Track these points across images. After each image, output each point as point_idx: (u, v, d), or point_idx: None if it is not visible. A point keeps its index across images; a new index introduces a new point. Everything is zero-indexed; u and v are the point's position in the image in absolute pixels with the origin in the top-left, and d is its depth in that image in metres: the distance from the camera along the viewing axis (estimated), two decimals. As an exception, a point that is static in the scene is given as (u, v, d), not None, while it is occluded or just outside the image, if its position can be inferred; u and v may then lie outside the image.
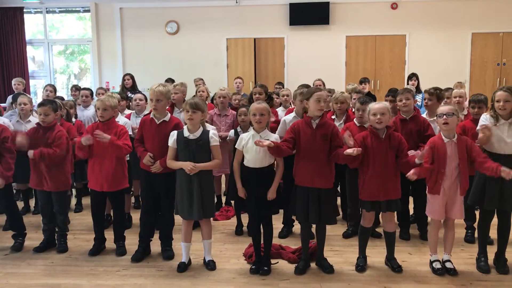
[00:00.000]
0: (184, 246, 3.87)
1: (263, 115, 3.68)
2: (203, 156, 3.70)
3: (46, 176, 4.12)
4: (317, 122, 3.64)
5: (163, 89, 3.89)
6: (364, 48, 10.41)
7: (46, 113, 4.14)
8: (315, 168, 3.61)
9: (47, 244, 4.31)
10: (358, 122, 4.37)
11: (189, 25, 10.62)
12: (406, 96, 4.32)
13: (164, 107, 3.94)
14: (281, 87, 7.81)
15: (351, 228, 4.58)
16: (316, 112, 3.64)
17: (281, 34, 10.46)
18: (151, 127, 3.95)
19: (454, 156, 3.55)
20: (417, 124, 4.26)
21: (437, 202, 3.63)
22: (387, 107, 3.66)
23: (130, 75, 8.35)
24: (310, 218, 3.67)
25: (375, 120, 3.60)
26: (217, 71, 10.38)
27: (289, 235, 4.58)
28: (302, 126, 3.67)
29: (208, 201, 3.76)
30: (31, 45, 11.25)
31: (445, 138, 3.59)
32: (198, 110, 3.67)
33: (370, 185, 3.63)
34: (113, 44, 10.77)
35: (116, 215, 4.24)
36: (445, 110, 3.57)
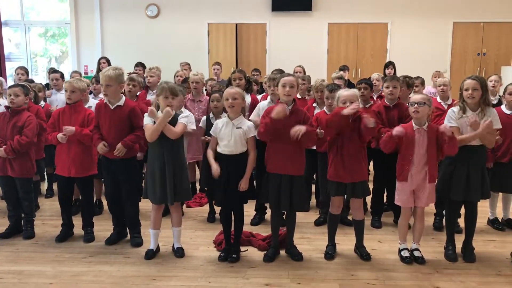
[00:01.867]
0: (152, 233, 3.82)
1: (235, 99, 3.62)
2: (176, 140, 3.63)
3: (11, 161, 4.02)
4: (289, 108, 3.60)
5: (113, 73, 3.76)
6: (346, 36, 10.36)
7: (16, 94, 4.05)
8: (287, 155, 3.58)
9: (13, 230, 4.22)
10: (328, 110, 4.33)
11: (170, 8, 10.44)
12: (394, 84, 4.33)
13: (115, 92, 3.81)
14: (258, 74, 7.74)
15: (323, 215, 4.57)
16: (283, 97, 3.61)
17: (263, 20, 10.35)
18: (106, 112, 3.86)
19: (422, 143, 3.56)
20: (400, 111, 4.28)
21: (404, 190, 3.63)
22: (356, 95, 3.67)
23: (106, 58, 8.19)
24: (282, 205, 3.64)
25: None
26: (198, 57, 10.23)
27: (261, 222, 4.57)
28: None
29: (181, 185, 3.69)
30: (7, 27, 10.97)
31: (415, 125, 3.59)
32: (178, 96, 3.64)
33: (336, 166, 3.64)
34: (92, 27, 10.55)
35: (84, 201, 4.17)
36: (417, 99, 3.58)
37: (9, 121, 4.04)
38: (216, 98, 4.51)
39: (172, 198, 3.66)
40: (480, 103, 3.60)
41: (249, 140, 3.66)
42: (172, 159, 3.63)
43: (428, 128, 3.58)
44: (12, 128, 4.01)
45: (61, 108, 4.07)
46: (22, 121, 4.02)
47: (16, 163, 4.04)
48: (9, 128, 4.02)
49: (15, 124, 4.01)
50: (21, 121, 4.02)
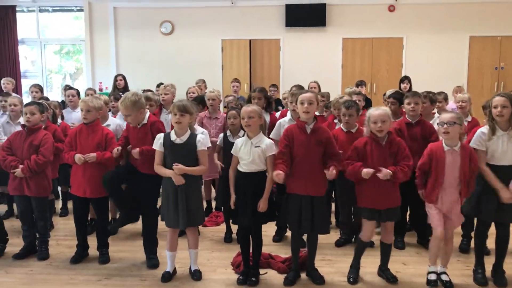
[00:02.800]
0: (169, 255, 3.70)
1: (251, 117, 3.50)
2: (189, 161, 3.53)
3: (28, 180, 3.95)
4: (311, 127, 3.48)
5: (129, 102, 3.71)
6: (361, 51, 10.27)
7: (32, 112, 4.00)
8: (308, 175, 3.44)
9: (28, 251, 4.15)
10: (345, 128, 4.22)
11: (184, 25, 10.46)
12: (415, 100, 4.15)
13: (135, 118, 3.79)
14: (275, 89, 7.67)
15: (344, 236, 4.44)
16: (302, 115, 3.49)
17: (277, 35, 10.31)
18: (133, 132, 3.85)
19: (454, 165, 3.37)
20: (423, 128, 4.12)
21: (434, 211, 3.47)
22: (388, 114, 3.49)
23: (122, 75, 8.19)
24: (303, 227, 3.51)
25: (375, 128, 3.43)
26: (212, 73, 10.21)
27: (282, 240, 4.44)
28: (296, 131, 3.49)
29: (194, 209, 3.58)
30: (24, 44, 11.08)
31: (445, 146, 3.40)
32: (187, 113, 3.51)
33: (369, 193, 3.46)
34: (106, 44, 10.60)
35: (99, 222, 4.08)
36: (446, 118, 3.37)
37: (25, 140, 3.99)
38: (233, 115, 4.43)
39: (184, 224, 3.55)
40: (510, 121, 3.42)
41: (268, 158, 3.53)
42: (186, 182, 3.51)
43: (461, 149, 3.39)
44: (28, 147, 3.96)
45: (78, 127, 4.01)
46: (39, 140, 3.97)
47: (33, 182, 3.97)
48: (25, 147, 3.96)
49: (32, 143, 3.96)
50: (37, 139, 3.97)
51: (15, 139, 4.04)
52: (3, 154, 3.98)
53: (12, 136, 4.11)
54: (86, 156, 3.78)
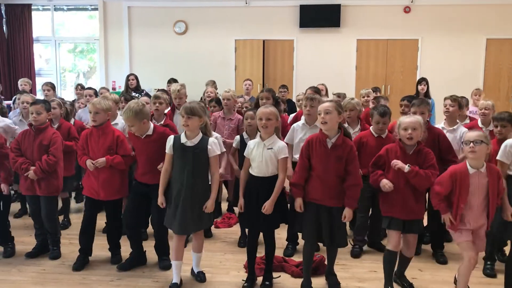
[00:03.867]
0: (174, 265, 3.57)
1: (269, 119, 3.42)
2: (199, 165, 3.44)
3: (39, 180, 3.91)
4: (332, 142, 3.34)
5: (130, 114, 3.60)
6: (375, 52, 10.17)
7: (38, 112, 3.93)
8: (326, 189, 3.33)
9: (40, 250, 4.14)
10: (376, 133, 4.13)
11: (198, 25, 10.45)
12: (421, 110, 4.00)
13: (138, 129, 3.67)
14: (285, 90, 7.61)
15: (358, 244, 4.30)
16: (321, 126, 3.39)
17: (291, 36, 10.26)
18: (138, 142, 3.76)
19: (481, 188, 3.14)
20: (431, 134, 3.94)
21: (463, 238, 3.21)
22: (420, 122, 3.35)
23: (134, 75, 8.19)
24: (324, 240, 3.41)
25: (405, 135, 3.31)
26: (225, 73, 10.20)
27: (294, 253, 4.26)
28: (316, 145, 3.37)
29: (201, 213, 3.47)
30: (39, 43, 11.15)
31: (470, 168, 3.14)
32: (194, 116, 3.40)
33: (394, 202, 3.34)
34: (120, 43, 10.64)
35: (111, 223, 4.04)
36: (473, 136, 3.11)
37: (34, 140, 3.94)
38: (250, 116, 4.35)
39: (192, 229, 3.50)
40: None
41: (280, 161, 3.44)
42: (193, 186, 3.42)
43: (487, 170, 3.15)
44: (38, 147, 3.92)
45: (89, 130, 3.96)
46: (48, 140, 3.93)
47: (44, 182, 3.93)
48: (35, 147, 3.92)
49: (41, 143, 3.91)
50: (46, 139, 3.93)
51: (23, 139, 3.99)
52: (12, 156, 3.95)
53: (20, 136, 4.06)
54: (95, 162, 3.74)
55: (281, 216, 3.52)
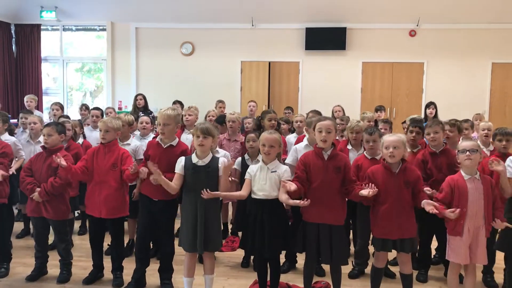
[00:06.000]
0: (186, 281, 3.60)
1: (272, 146, 3.45)
2: (211, 184, 3.45)
3: (45, 203, 3.90)
4: (328, 154, 3.42)
5: (172, 112, 3.72)
6: (381, 75, 10.21)
7: (49, 134, 3.95)
8: (326, 203, 3.37)
9: (40, 272, 4.11)
10: (369, 155, 4.11)
11: (204, 46, 10.55)
12: (435, 130, 4.04)
13: (172, 131, 3.74)
14: (290, 112, 7.62)
15: (358, 267, 4.28)
16: (320, 144, 3.43)
17: (297, 58, 10.33)
18: (157, 150, 3.76)
19: (477, 194, 3.32)
20: (448, 158, 3.98)
21: (459, 245, 3.35)
22: (402, 140, 3.44)
23: (142, 95, 8.24)
24: (322, 258, 3.42)
25: (387, 153, 3.39)
26: (231, 94, 10.23)
27: (290, 270, 4.30)
28: (313, 158, 3.44)
29: (213, 233, 3.50)
30: (47, 62, 11.28)
31: (465, 175, 3.37)
32: (209, 136, 3.47)
33: (382, 223, 3.39)
34: (127, 63, 10.74)
35: (114, 243, 4.01)
36: (469, 146, 3.37)
37: (45, 161, 3.96)
38: (252, 138, 4.38)
39: (202, 248, 3.47)
40: None
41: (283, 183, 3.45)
42: (206, 205, 3.44)
43: (481, 178, 3.35)
44: (47, 169, 3.92)
45: (96, 147, 3.98)
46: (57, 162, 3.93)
47: (50, 205, 3.91)
48: (44, 168, 3.94)
49: (50, 165, 3.92)
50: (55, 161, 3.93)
51: (36, 161, 4.02)
52: (23, 175, 3.96)
53: (34, 157, 4.09)
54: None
55: (284, 241, 3.50)
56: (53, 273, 4.11)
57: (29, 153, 4.89)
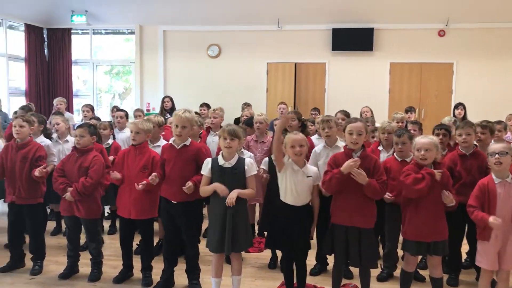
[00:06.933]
0: (214, 282, 3.62)
1: (302, 146, 3.45)
2: (238, 186, 3.48)
3: (77, 202, 4.00)
4: (358, 155, 3.39)
5: (190, 115, 3.75)
6: (409, 76, 10.07)
7: (81, 135, 4.05)
8: (355, 205, 3.35)
9: (72, 270, 4.21)
10: (399, 156, 4.05)
11: (231, 48, 10.61)
12: (467, 131, 3.95)
13: (188, 133, 3.78)
14: (317, 113, 7.58)
15: (386, 270, 4.22)
16: (350, 146, 3.42)
17: (323, 59, 10.28)
18: (172, 152, 3.79)
19: (507, 198, 3.23)
20: (478, 160, 3.90)
21: (487, 250, 3.28)
22: (434, 143, 3.39)
23: (169, 97, 8.34)
24: (351, 261, 3.40)
25: (419, 156, 3.35)
26: (257, 96, 10.26)
27: (321, 273, 4.28)
28: (343, 159, 3.41)
29: (241, 234, 3.51)
30: (77, 65, 11.53)
31: (496, 178, 3.28)
32: (236, 138, 3.49)
33: (416, 224, 3.33)
34: (155, 65, 10.89)
35: (143, 244, 4.09)
36: (498, 148, 3.27)
37: (76, 162, 4.05)
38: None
39: (229, 248, 3.48)
40: None
41: (315, 187, 3.53)
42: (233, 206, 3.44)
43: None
44: (78, 169, 4.01)
45: (127, 149, 4.06)
46: (88, 162, 4.02)
47: (82, 204, 4.00)
48: (75, 169, 4.02)
49: (81, 165, 4.01)
50: (87, 161, 4.02)
51: (67, 161, 4.11)
52: (55, 176, 4.06)
53: (65, 158, 4.20)
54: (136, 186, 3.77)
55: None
56: (84, 272, 4.21)
57: (58, 152, 5.02)
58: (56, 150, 5.02)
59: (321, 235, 3.88)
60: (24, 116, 4.34)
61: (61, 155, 4.86)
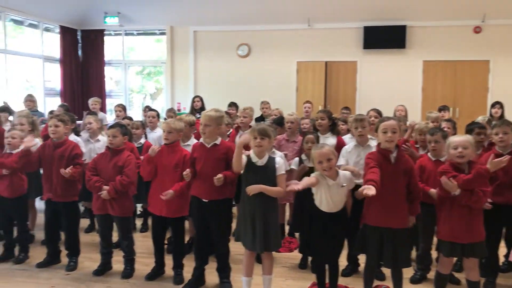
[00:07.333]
0: (245, 281, 3.62)
1: (330, 159, 3.39)
2: (269, 184, 3.47)
3: (111, 200, 4.06)
4: (394, 156, 3.32)
5: (214, 114, 3.77)
6: (443, 74, 9.83)
7: (113, 135, 4.12)
8: (392, 207, 3.28)
9: (105, 267, 4.29)
10: (433, 156, 3.95)
11: (261, 48, 10.61)
12: (504, 130, 3.81)
13: (212, 132, 3.79)
14: (348, 112, 7.47)
15: (420, 272, 4.11)
16: (385, 145, 3.33)
17: (354, 57, 10.15)
18: (202, 151, 3.83)
19: None
20: None
21: None
22: (470, 140, 3.32)
23: (199, 97, 8.39)
24: (385, 261, 3.34)
25: (455, 154, 3.26)
26: (286, 95, 10.23)
27: (352, 274, 4.22)
28: (379, 159, 3.32)
29: (272, 233, 3.50)
30: (110, 66, 11.76)
31: None
32: (267, 137, 3.48)
33: (450, 225, 3.25)
34: (186, 66, 10.99)
35: (175, 242, 4.13)
36: None
37: (110, 161, 4.12)
38: (311, 140, 4.37)
39: (262, 247, 3.47)
40: None
41: (349, 192, 3.52)
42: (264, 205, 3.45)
43: None
44: (113, 168, 4.08)
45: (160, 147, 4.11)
46: (122, 161, 4.09)
47: (116, 202, 4.07)
48: (110, 168, 4.09)
49: (116, 164, 4.08)
50: (121, 161, 4.09)
51: (100, 160, 4.19)
52: (88, 175, 4.14)
53: (97, 157, 4.28)
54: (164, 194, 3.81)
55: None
56: (117, 269, 4.28)
57: (89, 151, 5.13)
58: (87, 149, 5.12)
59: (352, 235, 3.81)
60: (59, 115, 4.44)
61: (92, 154, 4.96)
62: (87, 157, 4.91)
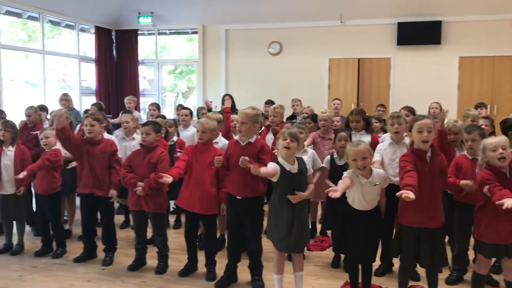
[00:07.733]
0: (276, 279, 3.62)
1: (365, 158, 3.32)
2: (302, 187, 3.48)
3: (146, 197, 4.14)
4: (429, 156, 3.24)
5: (250, 112, 3.78)
6: (480, 70, 9.56)
7: (147, 133, 4.18)
8: (429, 208, 3.21)
9: (140, 262, 4.36)
10: (470, 154, 3.83)
11: (292, 45, 10.56)
12: None
13: (249, 130, 3.79)
14: (384, 109, 7.36)
15: (456, 272, 4.01)
16: (420, 145, 3.24)
17: (387, 54, 9.99)
18: (236, 148, 3.84)
19: None
20: None
21: None
22: (506, 140, 3.21)
23: (229, 95, 8.38)
24: (422, 261, 3.28)
25: (496, 156, 3.14)
26: (318, 92, 10.17)
27: (386, 273, 4.15)
28: (415, 160, 3.22)
29: (303, 233, 3.51)
30: (143, 65, 11.95)
31: None
32: (296, 140, 3.46)
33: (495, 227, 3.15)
34: (217, 64, 11.06)
35: (206, 239, 4.17)
36: None
37: (144, 158, 4.19)
38: (343, 138, 4.33)
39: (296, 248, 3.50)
40: None
41: (382, 190, 3.46)
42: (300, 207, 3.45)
43: None
44: (147, 165, 4.15)
45: (193, 145, 4.16)
46: (156, 158, 4.15)
47: (150, 199, 4.14)
48: (144, 165, 4.17)
49: (149, 161, 4.15)
50: (154, 157, 4.15)
51: (134, 158, 4.27)
52: (123, 172, 4.24)
53: (132, 154, 4.36)
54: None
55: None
56: (151, 264, 4.35)
57: (124, 148, 5.23)
58: (123, 147, 5.22)
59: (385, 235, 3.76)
60: (93, 114, 4.54)
61: (127, 152, 5.04)
62: (122, 155, 5.00)
